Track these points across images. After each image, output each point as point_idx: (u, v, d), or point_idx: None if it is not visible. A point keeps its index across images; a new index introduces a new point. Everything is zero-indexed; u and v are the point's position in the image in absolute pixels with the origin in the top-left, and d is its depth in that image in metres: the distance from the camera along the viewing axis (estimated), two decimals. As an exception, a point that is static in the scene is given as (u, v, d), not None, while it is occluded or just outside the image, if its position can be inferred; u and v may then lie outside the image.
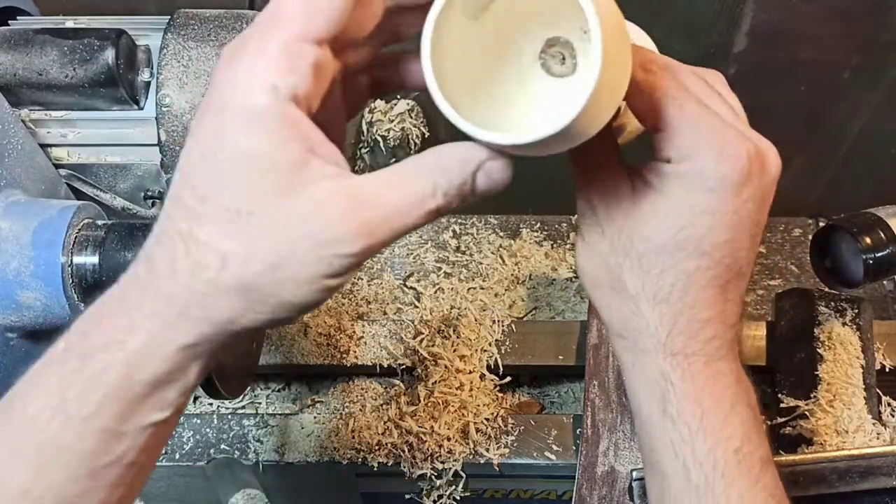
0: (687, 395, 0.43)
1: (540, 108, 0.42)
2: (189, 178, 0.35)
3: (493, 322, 0.91)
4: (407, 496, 0.88)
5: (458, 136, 0.37)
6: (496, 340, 0.90)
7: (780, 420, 0.83)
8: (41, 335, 0.65)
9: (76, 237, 0.61)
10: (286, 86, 0.34)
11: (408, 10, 0.39)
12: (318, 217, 0.34)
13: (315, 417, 0.86)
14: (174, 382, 0.37)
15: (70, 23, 0.76)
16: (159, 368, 0.36)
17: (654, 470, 0.45)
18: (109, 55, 0.70)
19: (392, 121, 1.08)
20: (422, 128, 1.12)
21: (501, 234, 1.06)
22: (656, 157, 0.42)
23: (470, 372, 0.87)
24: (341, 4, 0.34)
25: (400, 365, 0.89)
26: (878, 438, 0.81)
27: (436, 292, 1.00)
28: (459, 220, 1.07)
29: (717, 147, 0.40)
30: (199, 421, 0.85)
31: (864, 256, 0.73)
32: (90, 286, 0.60)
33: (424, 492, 0.86)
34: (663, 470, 0.44)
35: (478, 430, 0.84)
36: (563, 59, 0.41)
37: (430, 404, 0.85)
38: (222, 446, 0.84)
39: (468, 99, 0.38)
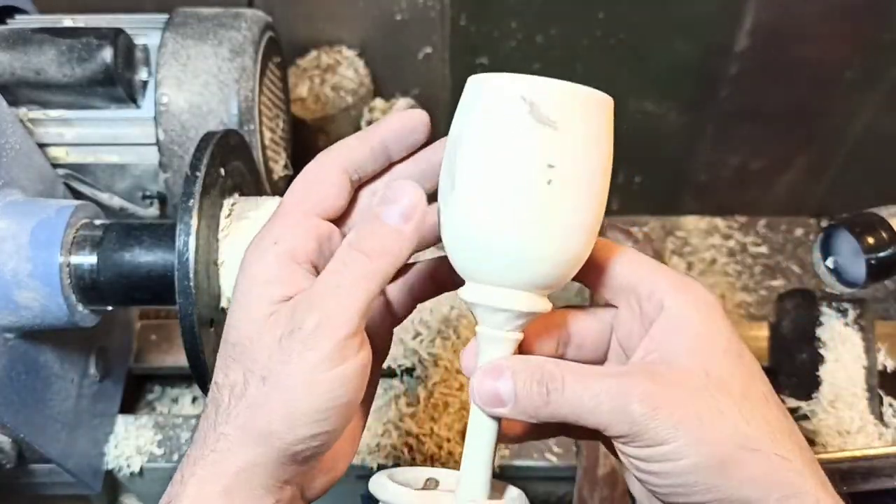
0: None
1: None
2: (229, 330, 0.41)
3: (494, 322, 0.91)
4: (407, 497, 0.87)
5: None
6: (496, 341, 0.90)
7: (781, 421, 0.83)
8: (39, 335, 0.65)
9: (74, 237, 0.60)
10: (283, 240, 0.41)
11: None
12: None
13: (314, 418, 0.85)
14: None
15: (68, 21, 0.76)
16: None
17: None
18: (107, 54, 0.70)
19: (392, 120, 1.08)
20: (422, 127, 1.11)
21: (502, 234, 1.06)
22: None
23: (470, 373, 0.87)
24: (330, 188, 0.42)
25: (400, 366, 0.88)
26: (880, 439, 0.80)
27: (436, 293, 0.99)
28: (459, 221, 1.07)
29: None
30: (197, 422, 0.85)
31: (866, 257, 0.73)
32: (88, 286, 0.60)
33: (424, 493, 0.86)
34: None
35: (478, 431, 0.83)
36: None
37: (429, 406, 0.85)
38: (221, 447, 0.84)
39: None
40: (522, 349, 0.42)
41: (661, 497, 0.40)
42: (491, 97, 0.38)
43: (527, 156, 0.37)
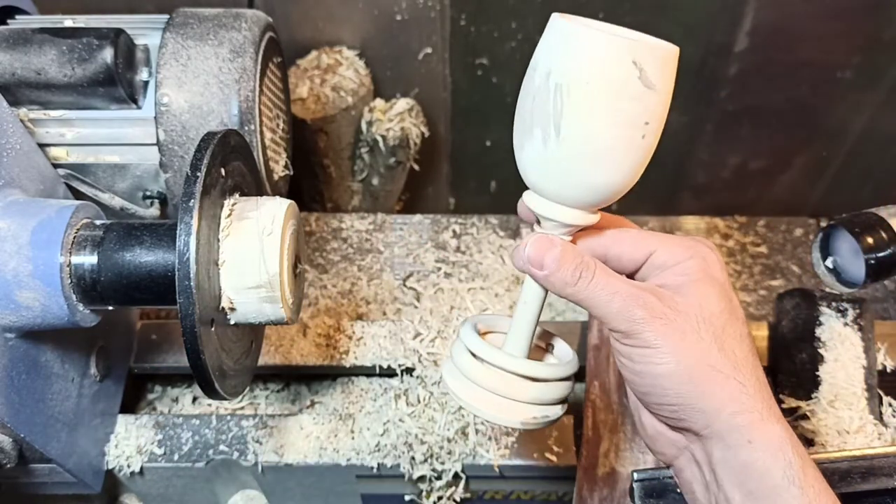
0: (804, 457, 0.47)
1: None
2: None
3: (494, 322, 0.91)
4: (407, 497, 0.88)
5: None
6: (496, 341, 0.90)
7: (781, 421, 0.83)
8: (39, 335, 0.65)
9: (75, 237, 0.60)
10: None
11: None
12: None
13: (314, 418, 0.86)
14: None
15: (69, 22, 0.76)
16: None
17: None
18: (108, 54, 0.70)
19: (391, 120, 1.08)
20: (422, 127, 1.11)
21: (501, 234, 1.06)
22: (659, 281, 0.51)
23: (470, 372, 0.87)
24: None
25: (400, 365, 0.89)
26: (879, 439, 0.80)
27: (436, 292, 0.99)
28: (459, 221, 1.07)
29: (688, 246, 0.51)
30: (197, 422, 0.85)
31: (865, 256, 0.73)
32: (89, 286, 0.60)
33: (424, 493, 0.86)
34: None
35: (478, 431, 0.84)
36: None
37: (429, 405, 0.85)
38: (221, 447, 0.84)
39: None
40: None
41: (640, 396, 0.50)
42: (600, 54, 0.43)
43: (633, 116, 0.44)
